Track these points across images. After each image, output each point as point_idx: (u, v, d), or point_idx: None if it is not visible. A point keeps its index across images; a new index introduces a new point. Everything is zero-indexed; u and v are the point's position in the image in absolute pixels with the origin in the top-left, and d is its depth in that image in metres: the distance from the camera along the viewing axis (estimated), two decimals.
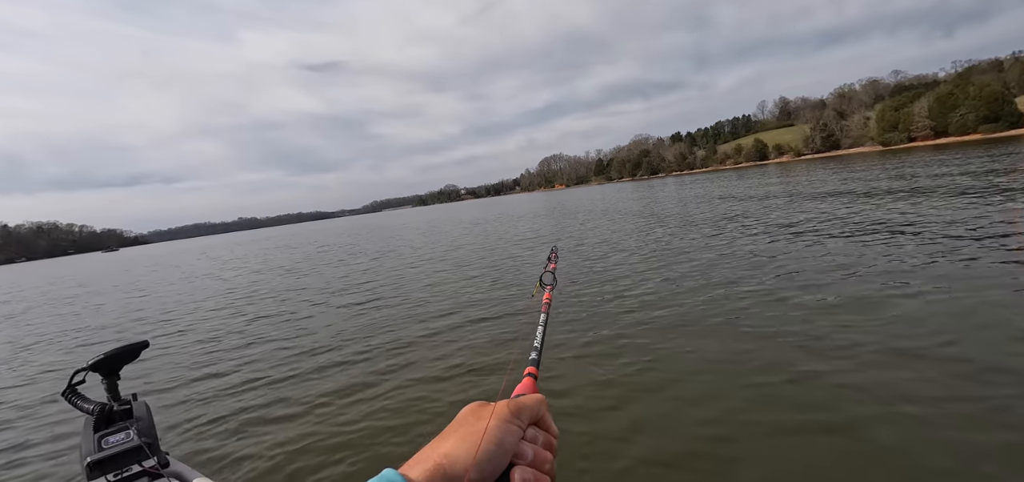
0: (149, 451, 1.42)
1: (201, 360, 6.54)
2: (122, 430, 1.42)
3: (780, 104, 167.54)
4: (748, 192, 24.58)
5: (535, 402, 0.55)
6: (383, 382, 4.86)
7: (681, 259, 9.08)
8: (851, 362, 3.84)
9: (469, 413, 0.52)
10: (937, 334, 4.12)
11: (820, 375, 3.70)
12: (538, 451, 0.52)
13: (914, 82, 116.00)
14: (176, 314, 10.66)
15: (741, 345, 4.50)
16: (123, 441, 1.40)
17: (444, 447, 0.48)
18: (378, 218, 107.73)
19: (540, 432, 0.54)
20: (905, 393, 3.27)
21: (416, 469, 0.45)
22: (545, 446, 0.53)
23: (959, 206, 10.64)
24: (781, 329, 4.75)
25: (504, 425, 0.50)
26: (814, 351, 4.14)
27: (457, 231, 26.07)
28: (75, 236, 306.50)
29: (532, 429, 0.53)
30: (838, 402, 3.29)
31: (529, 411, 0.54)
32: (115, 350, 1.53)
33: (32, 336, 10.27)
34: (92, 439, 1.37)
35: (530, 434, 0.53)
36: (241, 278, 16.65)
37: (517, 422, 0.52)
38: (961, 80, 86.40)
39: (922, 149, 60.72)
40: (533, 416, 0.54)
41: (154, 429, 1.51)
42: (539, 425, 0.55)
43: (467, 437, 0.48)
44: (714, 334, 4.91)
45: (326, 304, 9.50)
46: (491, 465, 0.48)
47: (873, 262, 6.82)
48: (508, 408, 0.52)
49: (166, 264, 33.09)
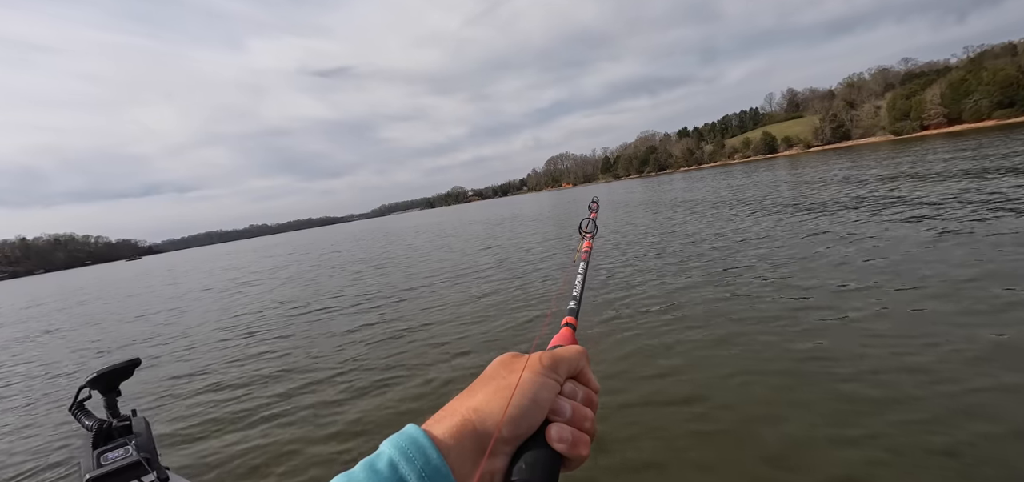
0: (148, 466, 1.45)
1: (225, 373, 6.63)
2: (121, 446, 1.46)
3: (788, 96, 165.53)
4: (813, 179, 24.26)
5: (574, 354, 0.50)
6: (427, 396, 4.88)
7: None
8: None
9: (500, 365, 0.48)
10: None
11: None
12: (577, 407, 0.47)
13: (925, 69, 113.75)
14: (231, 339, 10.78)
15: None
16: (122, 457, 1.43)
17: (473, 401, 0.44)
18: (389, 222, 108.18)
19: (579, 387, 0.49)
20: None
21: (441, 425, 0.42)
22: (585, 402, 0.48)
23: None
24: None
25: (539, 378, 0.46)
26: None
27: (483, 230, 26.03)
28: (91, 247, 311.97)
29: (570, 383, 0.49)
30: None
31: (567, 364, 0.49)
32: (108, 368, 1.57)
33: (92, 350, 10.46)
34: (91, 456, 1.41)
35: (568, 389, 0.48)
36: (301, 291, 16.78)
37: (554, 376, 0.47)
38: (974, 65, 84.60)
39: (936, 137, 59.69)
40: (572, 369, 0.49)
41: (153, 444, 1.54)
42: (578, 379, 0.50)
43: (499, 391, 0.44)
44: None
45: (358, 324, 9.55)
46: (525, 421, 0.43)
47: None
48: (543, 361, 0.47)
49: (205, 273, 33.42)
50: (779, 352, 4.24)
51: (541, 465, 0.43)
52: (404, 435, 0.40)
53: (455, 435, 0.41)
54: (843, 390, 3.42)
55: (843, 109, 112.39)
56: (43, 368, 8.42)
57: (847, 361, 3.82)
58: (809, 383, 3.62)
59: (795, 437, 3.00)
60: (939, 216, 8.80)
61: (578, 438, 0.45)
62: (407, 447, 0.39)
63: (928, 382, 3.35)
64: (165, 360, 7.49)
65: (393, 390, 4.85)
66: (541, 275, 9.80)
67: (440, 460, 0.39)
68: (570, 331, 0.60)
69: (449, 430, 0.41)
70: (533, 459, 0.43)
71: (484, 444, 0.41)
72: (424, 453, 0.39)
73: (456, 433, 0.41)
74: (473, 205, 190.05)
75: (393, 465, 0.38)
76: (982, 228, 7.39)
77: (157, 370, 6.92)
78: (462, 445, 0.41)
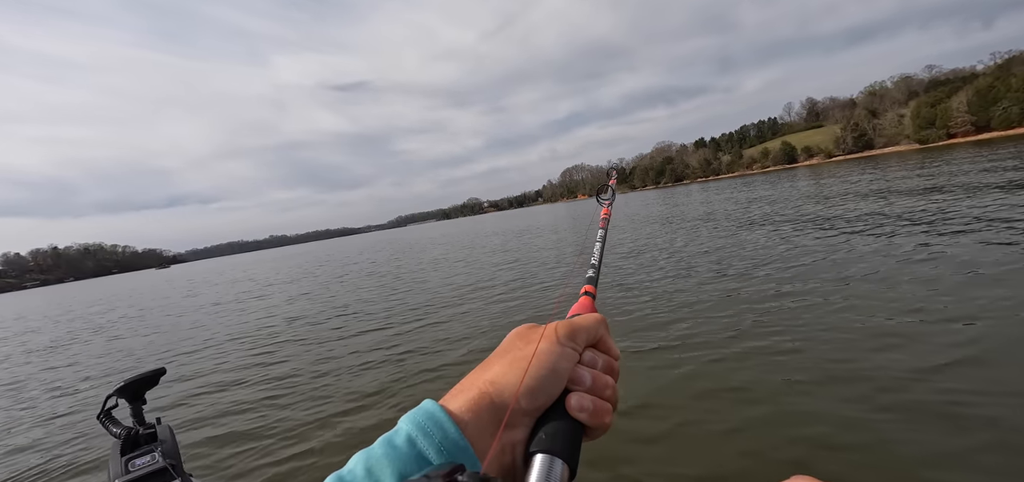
0: (174, 472, 1.45)
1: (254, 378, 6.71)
2: (148, 453, 1.46)
3: (807, 105, 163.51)
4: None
5: (592, 322, 0.50)
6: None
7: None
8: None
9: (516, 337, 0.48)
10: None
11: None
12: (597, 375, 0.46)
13: (950, 76, 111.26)
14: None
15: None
16: (148, 464, 1.44)
17: (489, 374, 0.44)
18: (408, 233, 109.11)
19: (599, 355, 0.48)
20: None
21: (458, 399, 0.42)
22: (605, 370, 0.48)
23: None
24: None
25: (557, 347, 0.45)
26: None
27: (512, 241, 26.16)
28: (119, 256, 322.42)
29: (590, 352, 0.48)
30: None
31: (586, 332, 0.48)
32: (134, 377, 1.60)
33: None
34: (119, 462, 1.42)
35: (588, 357, 0.47)
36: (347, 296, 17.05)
37: (572, 345, 0.46)
38: (1002, 72, 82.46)
39: (964, 145, 58.05)
40: (591, 337, 0.49)
41: (178, 452, 1.55)
42: (597, 347, 0.49)
43: (515, 363, 0.44)
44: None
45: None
46: (543, 392, 0.43)
47: None
48: (560, 330, 0.47)
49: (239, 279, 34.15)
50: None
51: (562, 435, 0.42)
52: (421, 410, 0.40)
53: (472, 408, 0.41)
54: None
55: (865, 118, 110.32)
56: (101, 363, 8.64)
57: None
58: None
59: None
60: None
61: (599, 406, 0.44)
62: (424, 422, 0.39)
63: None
64: (190, 366, 7.62)
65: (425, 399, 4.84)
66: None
67: (458, 434, 0.39)
68: (589, 300, 0.58)
69: (466, 404, 0.41)
70: (554, 430, 0.42)
71: (502, 416, 0.41)
72: (442, 427, 0.39)
73: (473, 406, 0.41)
74: (489, 216, 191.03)
75: (411, 440, 0.38)
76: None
77: (181, 378, 7.04)
78: (480, 418, 0.41)
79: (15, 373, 9.49)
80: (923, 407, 3.18)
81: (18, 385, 8.30)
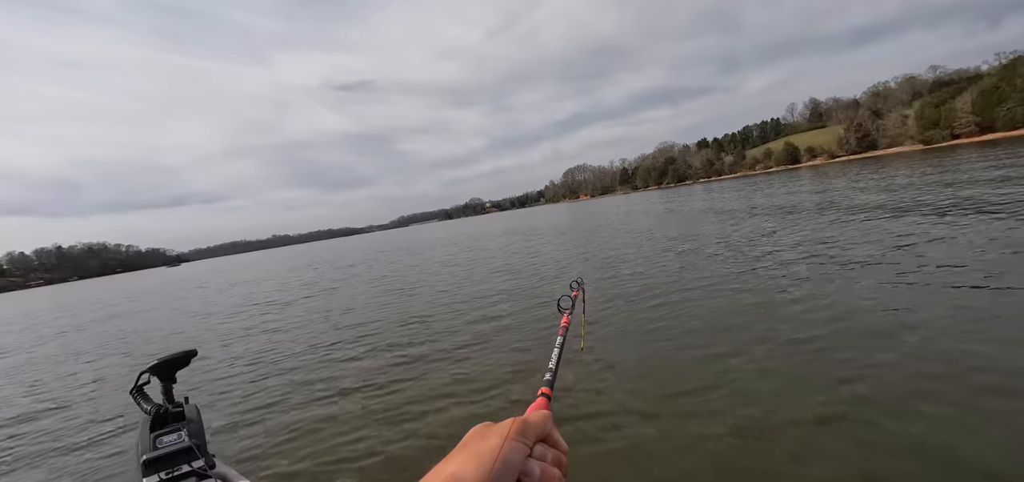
0: (198, 452, 1.50)
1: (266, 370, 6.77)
2: (175, 431, 1.51)
3: (811, 106, 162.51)
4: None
5: (541, 418, 0.56)
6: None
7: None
8: None
9: (474, 434, 0.53)
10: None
11: None
12: (546, 468, 0.52)
13: (954, 77, 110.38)
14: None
15: None
16: (175, 442, 1.48)
17: (450, 467, 0.48)
18: (410, 233, 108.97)
19: (548, 449, 0.54)
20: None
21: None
22: (554, 463, 0.53)
23: None
24: None
25: (509, 443, 0.50)
26: None
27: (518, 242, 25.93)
28: (123, 256, 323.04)
29: (540, 446, 0.54)
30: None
31: (535, 428, 0.54)
32: (168, 357, 1.64)
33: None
34: (148, 438, 1.46)
35: (537, 451, 0.53)
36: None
37: (522, 440, 0.52)
38: (1007, 72, 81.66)
39: (969, 146, 57.71)
40: (540, 433, 0.55)
41: (203, 432, 1.59)
42: (547, 441, 0.55)
43: (473, 458, 0.48)
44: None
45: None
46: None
47: None
48: (513, 427, 0.52)
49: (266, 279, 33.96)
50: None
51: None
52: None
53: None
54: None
55: (869, 118, 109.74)
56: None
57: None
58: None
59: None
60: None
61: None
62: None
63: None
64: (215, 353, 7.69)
65: (450, 403, 4.89)
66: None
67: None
68: (545, 401, 0.66)
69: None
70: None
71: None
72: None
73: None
74: (490, 216, 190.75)
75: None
76: None
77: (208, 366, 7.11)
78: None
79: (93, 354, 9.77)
80: None
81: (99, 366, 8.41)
